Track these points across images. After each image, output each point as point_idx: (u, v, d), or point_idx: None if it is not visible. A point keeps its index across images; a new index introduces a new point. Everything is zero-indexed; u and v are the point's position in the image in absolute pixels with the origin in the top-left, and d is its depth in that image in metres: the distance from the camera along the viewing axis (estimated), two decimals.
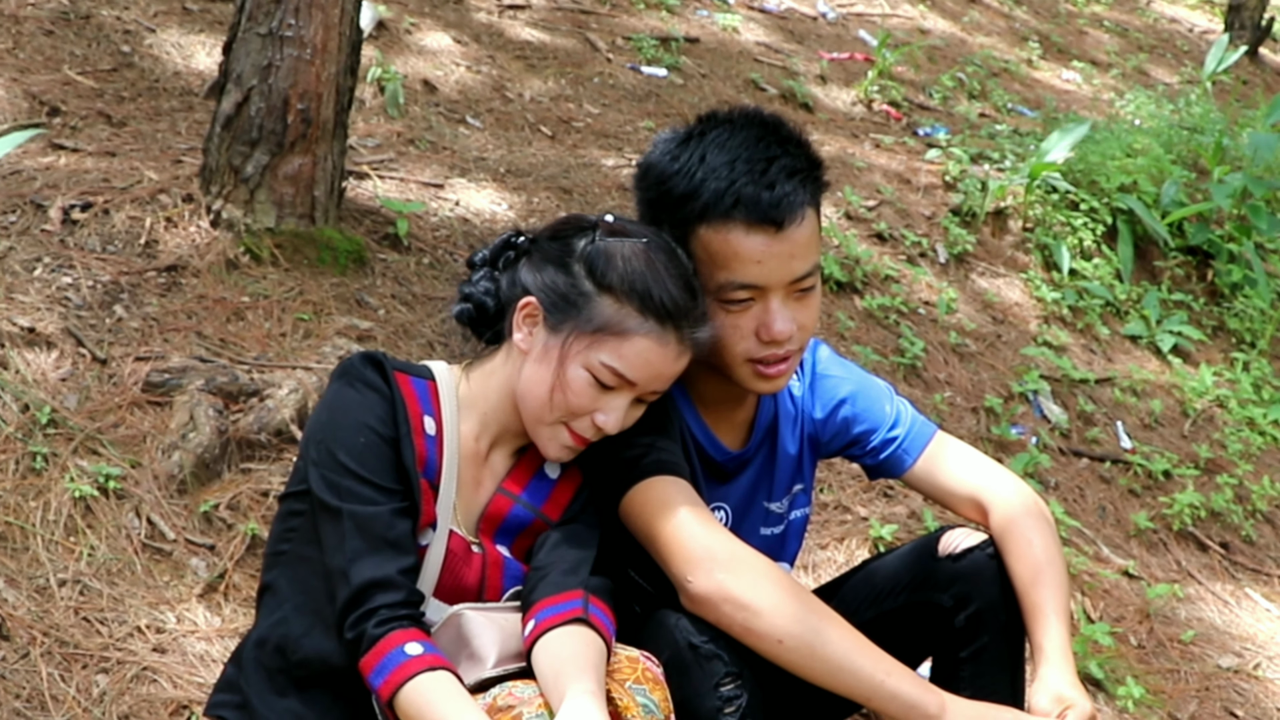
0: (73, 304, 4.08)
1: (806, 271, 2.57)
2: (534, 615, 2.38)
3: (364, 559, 2.29)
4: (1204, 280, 7.18)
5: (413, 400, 2.45)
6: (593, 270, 2.43)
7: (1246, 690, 4.24)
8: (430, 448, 2.44)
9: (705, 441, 2.79)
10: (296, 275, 4.50)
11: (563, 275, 2.46)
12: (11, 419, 3.59)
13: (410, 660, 2.21)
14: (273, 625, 2.44)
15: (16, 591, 3.23)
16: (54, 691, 3.03)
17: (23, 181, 4.69)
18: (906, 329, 5.62)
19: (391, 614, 2.27)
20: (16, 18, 5.83)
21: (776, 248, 2.52)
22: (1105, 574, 4.60)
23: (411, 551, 2.36)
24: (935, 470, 2.92)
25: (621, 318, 2.40)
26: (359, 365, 2.44)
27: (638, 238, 2.48)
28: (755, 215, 2.50)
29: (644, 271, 2.42)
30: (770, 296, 2.56)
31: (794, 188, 2.52)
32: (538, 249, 2.54)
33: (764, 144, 2.55)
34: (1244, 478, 5.48)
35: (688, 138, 2.60)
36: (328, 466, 2.36)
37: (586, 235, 2.49)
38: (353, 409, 2.39)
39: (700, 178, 2.53)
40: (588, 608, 2.37)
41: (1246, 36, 11.03)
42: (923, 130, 7.77)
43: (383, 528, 2.32)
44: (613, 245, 2.46)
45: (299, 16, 4.39)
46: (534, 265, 2.51)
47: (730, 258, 2.53)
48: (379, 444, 2.37)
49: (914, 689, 2.46)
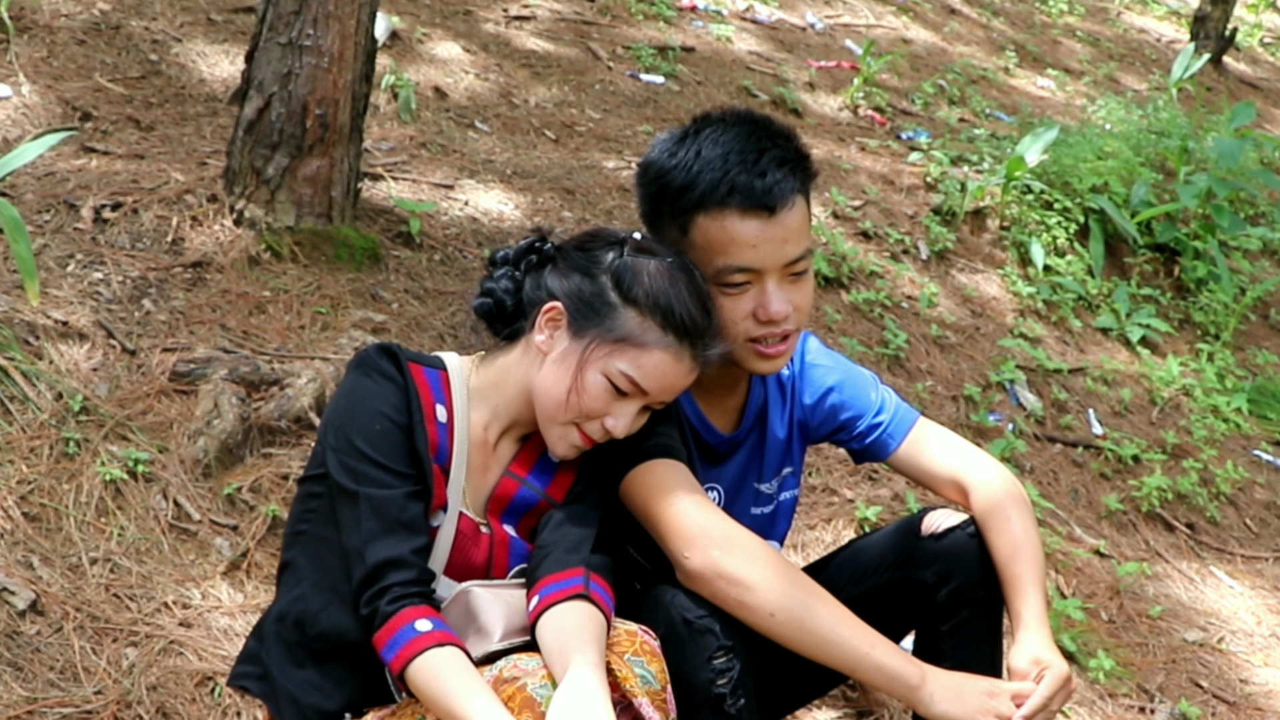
0: (104, 298, 4.08)
1: (799, 255, 2.58)
2: (538, 591, 2.38)
3: (379, 540, 2.29)
4: (1171, 276, 7.18)
5: (425, 389, 2.45)
6: (620, 283, 2.44)
7: (1211, 662, 4.24)
8: (442, 434, 2.44)
9: (699, 425, 2.80)
10: (315, 271, 4.50)
11: (590, 284, 2.46)
12: (46, 406, 3.59)
13: (421, 636, 2.21)
14: (292, 601, 2.45)
15: (50, 569, 3.22)
16: (86, 663, 3.03)
17: (56, 182, 4.69)
18: (890, 322, 5.61)
19: (404, 591, 2.27)
20: (51, 28, 5.82)
21: (770, 232, 2.53)
22: (1078, 553, 4.60)
23: (423, 532, 2.36)
24: (918, 454, 2.92)
25: (643, 331, 2.41)
26: (374, 356, 2.44)
27: (663, 257, 2.48)
28: (749, 201, 2.51)
29: (668, 289, 2.43)
30: (766, 279, 2.57)
31: (784, 175, 2.53)
32: (565, 257, 2.53)
33: (755, 138, 2.57)
34: (1208, 462, 5.48)
35: (684, 136, 2.61)
36: (345, 452, 2.36)
37: (615, 249, 2.49)
38: (368, 397, 2.39)
39: (696, 170, 2.54)
40: (589, 584, 2.37)
41: (1211, 46, 11.02)
42: (905, 134, 7.77)
43: (397, 510, 2.32)
44: (640, 262, 2.46)
45: (317, 27, 4.39)
46: (561, 272, 2.50)
47: (727, 243, 2.54)
48: (393, 430, 2.37)
49: (897, 661, 2.47)
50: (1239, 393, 6.30)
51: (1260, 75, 11.85)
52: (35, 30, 5.77)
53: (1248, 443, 5.92)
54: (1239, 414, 6.09)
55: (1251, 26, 13.20)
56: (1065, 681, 2.57)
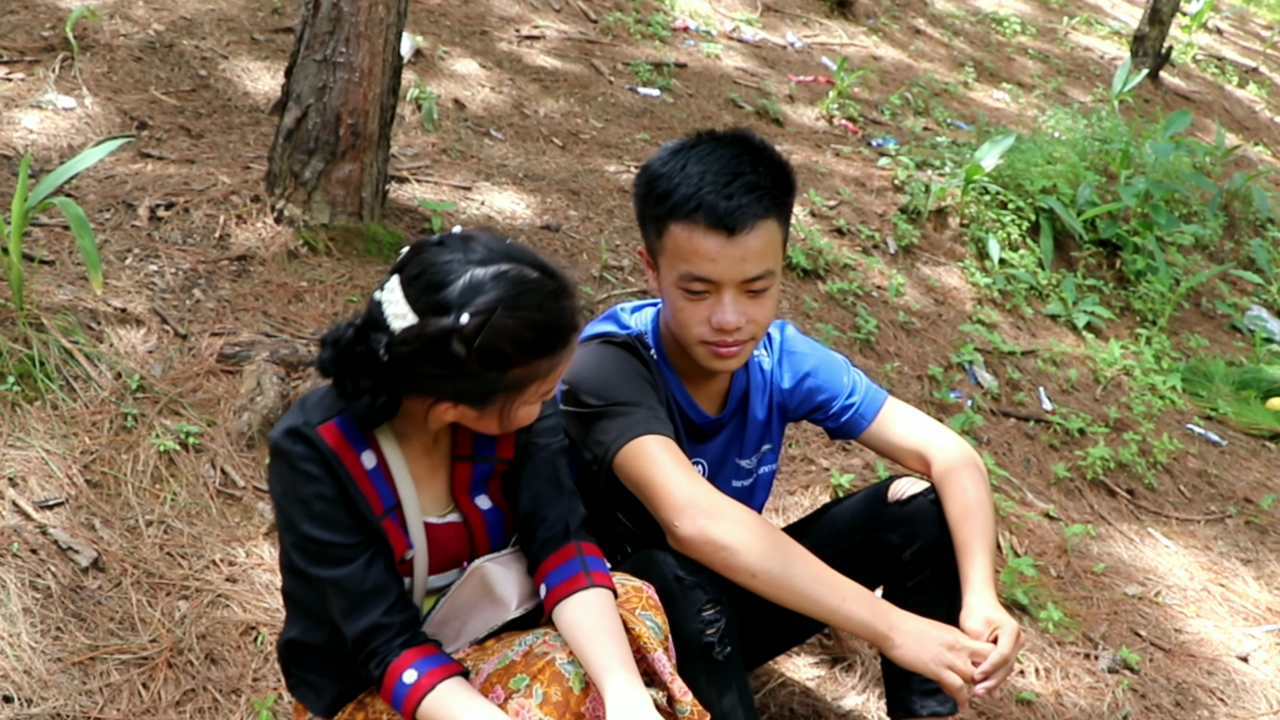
0: (158, 288, 4.07)
1: (757, 274, 2.53)
2: (543, 579, 2.33)
3: (352, 615, 2.20)
4: (1113, 268, 7.17)
5: (343, 447, 2.19)
6: (491, 361, 2.07)
7: (1148, 614, 4.23)
8: (377, 480, 2.24)
9: (687, 407, 2.78)
10: (347, 264, 4.49)
11: (467, 381, 2.10)
12: (107, 385, 3.58)
13: (412, 688, 2.15)
14: (299, 633, 2.38)
15: (111, 531, 3.22)
16: (142, 615, 3.02)
17: (116, 184, 4.68)
18: (862, 309, 5.60)
19: (386, 650, 2.19)
20: (111, 46, 5.80)
21: (729, 250, 2.49)
22: (1029, 516, 4.59)
23: (392, 586, 2.22)
24: (886, 431, 2.91)
25: (530, 372, 2.13)
26: (287, 445, 2.16)
27: (492, 296, 2.06)
28: (711, 220, 2.47)
29: (524, 330, 2.07)
30: (724, 291, 2.53)
31: (750, 201, 2.47)
32: (412, 361, 2.09)
33: (737, 161, 2.52)
34: (1146, 435, 5.47)
35: (680, 148, 2.58)
36: (297, 541, 2.21)
37: (451, 335, 2.05)
38: (299, 485, 2.17)
39: (677, 182, 2.51)
40: (586, 566, 2.32)
41: (1149, 62, 10.98)
42: (875, 142, 7.74)
43: (358, 583, 2.19)
44: (490, 332, 2.04)
45: (349, 45, 4.37)
46: (424, 375, 2.10)
47: (691, 253, 2.51)
48: (332, 508, 2.17)
49: (866, 611, 2.46)
50: (1174, 373, 6.30)
51: (1193, 89, 11.82)
52: (97, 49, 5.75)
53: (1181, 417, 5.91)
54: (1174, 392, 6.08)
55: (1185, 45, 13.16)
56: (1017, 636, 2.57)
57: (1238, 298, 7.72)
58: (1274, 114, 12.29)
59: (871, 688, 3.48)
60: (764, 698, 3.36)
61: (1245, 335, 7.32)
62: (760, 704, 3.32)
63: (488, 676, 2.25)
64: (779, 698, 3.38)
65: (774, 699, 3.37)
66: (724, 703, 2.45)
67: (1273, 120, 12.05)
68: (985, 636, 2.55)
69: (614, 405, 2.55)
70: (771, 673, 3.46)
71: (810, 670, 3.53)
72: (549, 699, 2.14)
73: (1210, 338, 7.08)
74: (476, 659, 2.31)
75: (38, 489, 3.23)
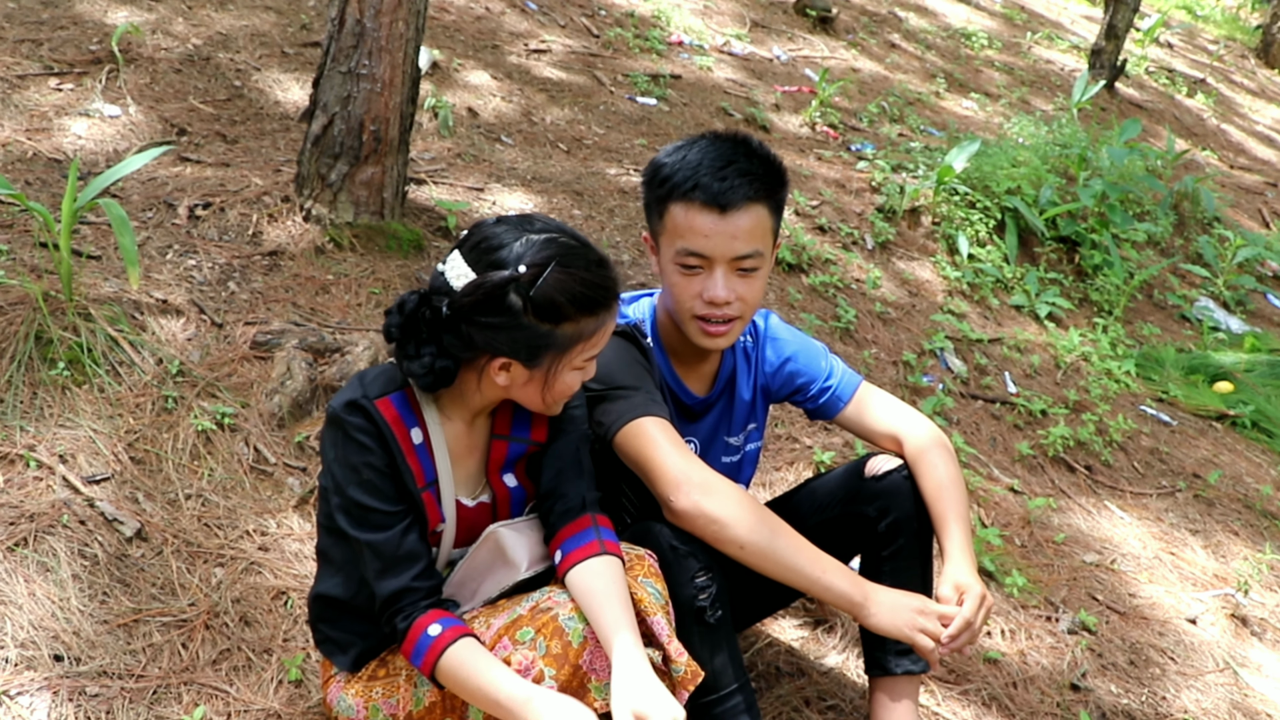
0: (196, 281, 4.06)
1: (747, 253, 2.55)
2: (559, 546, 2.35)
3: (384, 576, 2.22)
4: (1072, 263, 7.16)
5: (396, 422, 2.24)
6: (544, 315, 2.14)
7: (1105, 580, 4.23)
8: (422, 456, 2.29)
9: (677, 388, 2.79)
10: (369, 259, 4.48)
11: (521, 333, 2.15)
12: (149, 370, 3.57)
13: (436, 639, 2.17)
14: (329, 588, 2.41)
15: (153, 503, 3.21)
16: (182, 581, 3.02)
17: (158, 186, 4.66)
18: (842, 300, 5.59)
19: (413, 609, 2.22)
20: (153, 59, 5.78)
21: (721, 227, 2.51)
22: (995, 490, 4.59)
23: (422, 554, 2.25)
24: (862, 413, 2.91)
25: (579, 329, 2.19)
26: (345, 414, 2.22)
27: (545, 255, 2.14)
28: (705, 198, 2.50)
29: (575, 287, 2.14)
30: (716, 267, 2.55)
31: (742, 184, 2.51)
32: (472, 313, 2.15)
33: (732, 152, 2.56)
34: (1103, 416, 5.47)
35: (684, 144, 2.62)
36: (344, 503, 2.24)
37: (510, 286, 2.12)
38: (351, 454, 2.22)
39: (678, 168, 2.54)
40: (600, 535, 2.34)
41: (1105, 74, 10.97)
42: (854, 146, 7.72)
43: (394, 548, 2.22)
44: (543, 286, 2.11)
45: (372, 58, 4.36)
46: (479, 327, 2.15)
47: (686, 230, 2.53)
48: (379, 477, 2.22)
49: (844, 583, 2.47)
50: (1128, 359, 6.29)
51: (1146, 98, 11.79)
52: (140, 61, 5.73)
53: (1135, 400, 5.90)
54: (1128, 376, 6.08)
55: (1139, 58, 13.15)
56: (982, 601, 2.56)
57: (1187, 290, 7.71)
58: (1220, 121, 12.27)
59: (850, 647, 3.48)
60: (752, 657, 3.36)
61: (1194, 324, 7.31)
62: (749, 662, 3.32)
63: (497, 630, 2.26)
64: (766, 657, 3.38)
65: (761, 658, 3.37)
66: (716, 661, 2.47)
67: (1219, 127, 12.03)
68: (954, 601, 2.56)
69: (614, 389, 2.55)
70: (759, 634, 3.46)
71: (795, 632, 3.53)
72: (550, 651, 2.17)
73: (1162, 327, 7.07)
74: (488, 615, 2.33)
75: (86, 465, 3.22)
